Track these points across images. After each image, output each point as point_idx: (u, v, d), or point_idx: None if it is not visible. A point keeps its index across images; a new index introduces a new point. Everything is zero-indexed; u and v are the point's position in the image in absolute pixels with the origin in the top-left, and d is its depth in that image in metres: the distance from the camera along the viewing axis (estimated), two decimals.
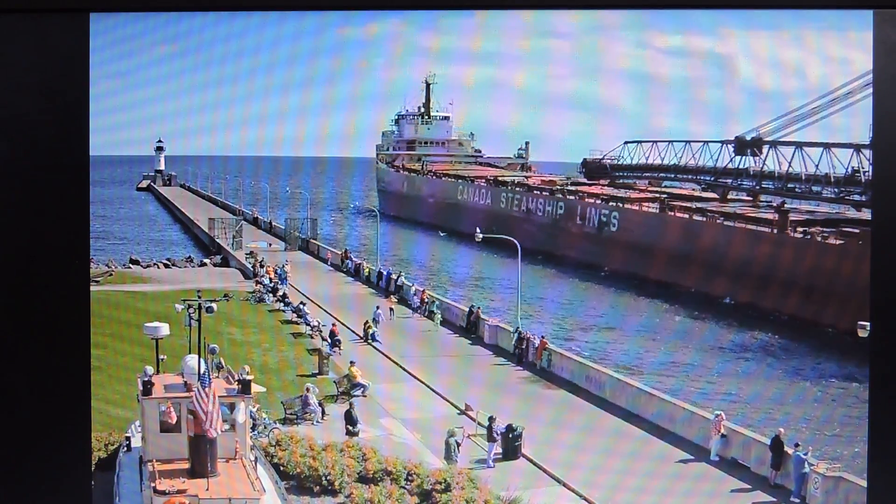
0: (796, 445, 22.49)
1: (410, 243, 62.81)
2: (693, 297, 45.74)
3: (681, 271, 47.38)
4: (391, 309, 39.45)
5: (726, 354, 37.65)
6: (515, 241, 38.81)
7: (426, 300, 40.43)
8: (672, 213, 51.02)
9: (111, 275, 45.36)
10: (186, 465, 17.83)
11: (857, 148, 44.65)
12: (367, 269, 47.74)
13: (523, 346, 33.19)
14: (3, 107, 16.81)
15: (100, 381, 23.30)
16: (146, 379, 19.14)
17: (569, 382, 30.78)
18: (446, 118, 77.06)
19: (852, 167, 45.11)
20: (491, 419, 24.58)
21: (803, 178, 47.94)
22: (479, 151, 77.56)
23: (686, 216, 50.21)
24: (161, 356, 20.88)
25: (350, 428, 25.38)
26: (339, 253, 51.70)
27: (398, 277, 44.11)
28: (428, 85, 76.71)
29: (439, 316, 38.20)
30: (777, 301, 41.97)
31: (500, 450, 24.55)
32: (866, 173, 43.73)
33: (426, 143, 76.86)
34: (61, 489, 17.06)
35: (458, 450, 23.92)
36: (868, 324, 16.88)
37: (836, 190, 46.21)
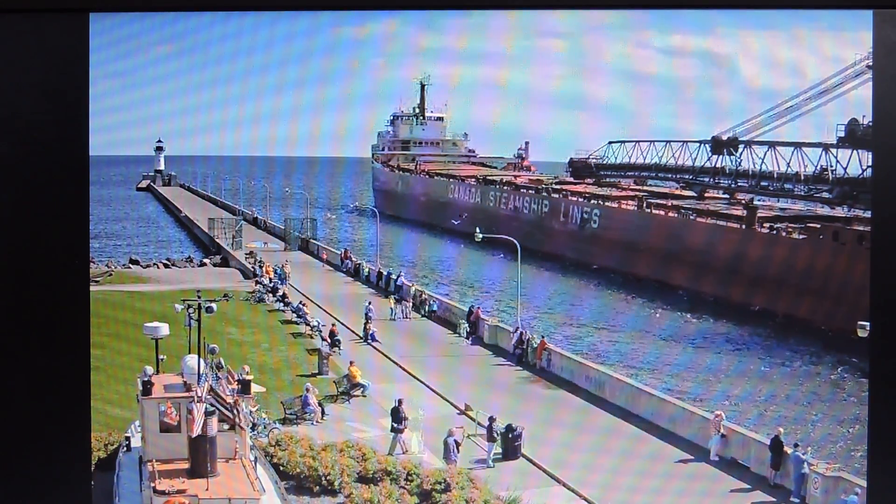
0: (795, 445, 22.52)
1: (405, 241, 63.25)
2: (673, 292, 47.84)
3: (658, 266, 49.51)
4: (391, 309, 39.43)
5: (695, 345, 38.67)
6: (515, 242, 39.00)
7: (426, 300, 40.40)
8: (649, 211, 52.91)
9: (111, 275, 45.34)
10: (186, 465, 17.83)
11: (826, 147, 46.51)
12: (367, 269, 47.77)
13: (524, 347, 33.16)
14: (3, 107, 16.82)
15: (100, 381, 23.29)
16: (146, 379, 19.15)
17: (568, 382, 30.79)
18: (440, 119, 77.82)
19: (821, 166, 47.00)
20: (491, 419, 24.58)
21: (775, 176, 49.94)
22: (473, 151, 78.45)
23: (662, 213, 52.12)
24: (161, 356, 20.89)
25: (395, 425, 25.15)
26: (339, 253, 51.71)
27: (398, 277, 44.12)
28: (423, 86, 77.32)
29: (466, 326, 36.83)
30: (743, 293, 44.02)
31: (499, 450, 24.56)
32: (834, 171, 46.11)
33: (420, 143, 77.70)
34: (61, 489, 17.06)
35: (458, 450, 23.93)
36: (868, 324, 16.90)
37: (805, 188, 48.33)
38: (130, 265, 49.38)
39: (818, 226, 43.45)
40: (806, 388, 33.26)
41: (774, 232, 45.03)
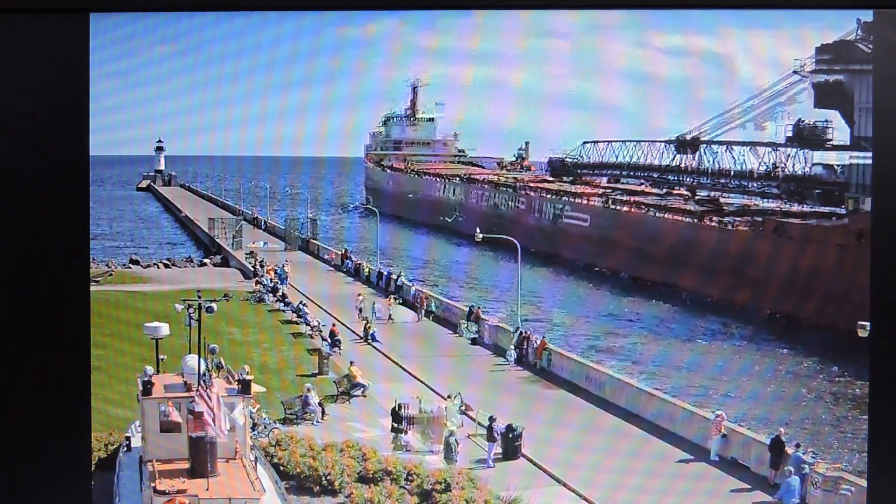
0: (797, 446, 22.51)
1: (405, 241, 63.69)
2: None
3: (630, 258, 52.07)
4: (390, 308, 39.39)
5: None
6: (516, 242, 39.33)
7: (426, 303, 40.29)
8: (614, 207, 55.46)
9: (111, 275, 45.31)
10: (186, 465, 17.84)
11: (775, 146, 49.02)
12: (367, 269, 47.77)
13: (524, 347, 33.12)
14: (3, 107, 16.82)
15: (100, 381, 23.27)
16: (146, 379, 19.17)
17: (568, 382, 30.79)
18: (431, 119, 78.61)
19: (773, 163, 49.29)
20: (491, 419, 24.59)
21: (732, 174, 52.37)
22: (463, 151, 79.31)
23: (627, 209, 54.62)
24: (161, 356, 20.88)
25: (396, 425, 25.28)
26: (339, 253, 51.73)
27: (398, 277, 44.13)
28: (414, 88, 77.93)
29: (468, 326, 36.58)
30: (696, 282, 46.37)
31: (499, 450, 24.56)
32: (783, 169, 48.69)
33: (412, 143, 78.70)
34: (61, 489, 17.07)
35: (458, 449, 23.95)
36: (868, 324, 16.89)
37: (757, 184, 50.77)
38: (130, 265, 49.31)
39: (760, 219, 46.08)
40: (804, 386, 33.25)
41: (722, 225, 47.47)
